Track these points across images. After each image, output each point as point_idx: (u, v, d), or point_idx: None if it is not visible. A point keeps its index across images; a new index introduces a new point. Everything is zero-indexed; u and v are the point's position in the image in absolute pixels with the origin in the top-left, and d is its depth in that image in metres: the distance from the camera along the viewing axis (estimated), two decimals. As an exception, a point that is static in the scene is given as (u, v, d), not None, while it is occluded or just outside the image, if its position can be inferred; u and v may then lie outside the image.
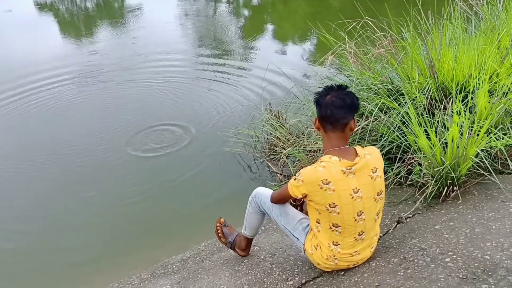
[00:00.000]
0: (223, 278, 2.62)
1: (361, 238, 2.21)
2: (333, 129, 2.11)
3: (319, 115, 2.14)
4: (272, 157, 4.16)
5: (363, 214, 2.14)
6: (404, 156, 3.10)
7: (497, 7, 4.26)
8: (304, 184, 2.10)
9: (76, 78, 6.91)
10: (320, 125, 2.16)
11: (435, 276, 2.08)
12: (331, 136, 2.13)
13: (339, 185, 2.06)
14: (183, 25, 10.21)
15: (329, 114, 2.08)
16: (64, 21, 11.41)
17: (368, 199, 2.13)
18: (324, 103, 2.10)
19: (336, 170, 2.06)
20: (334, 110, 2.07)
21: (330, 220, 2.15)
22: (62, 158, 4.71)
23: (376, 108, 3.30)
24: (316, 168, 2.09)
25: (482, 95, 2.98)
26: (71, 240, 3.58)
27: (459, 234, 2.37)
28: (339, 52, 3.97)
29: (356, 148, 2.14)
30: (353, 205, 2.11)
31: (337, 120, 2.09)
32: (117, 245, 3.49)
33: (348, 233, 2.17)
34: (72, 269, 3.27)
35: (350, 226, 2.15)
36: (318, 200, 2.11)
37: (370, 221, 2.19)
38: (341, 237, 2.19)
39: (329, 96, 2.11)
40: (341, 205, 2.10)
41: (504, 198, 2.61)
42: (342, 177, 2.06)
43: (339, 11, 4.45)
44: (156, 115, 5.42)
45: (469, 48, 3.45)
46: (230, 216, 3.03)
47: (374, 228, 2.26)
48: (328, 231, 2.20)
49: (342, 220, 2.14)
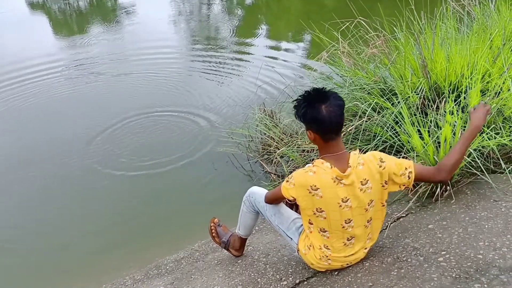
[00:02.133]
0: (217, 279, 2.61)
1: (350, 243, 2.20)
2: (335, 138, 2.03)
3: (321, 130, 2.00)
4: (266, 157, 4.15)
5: (351, 221, 2.12)
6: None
7: (489, 7, 4.29)
8: (295, 188, 2.09)
9: (63, 71, 6.99)
10: (319, 137, 2.03)
11: (428, 276, 2.08)
12: (331, 144, 2.04)
13: (327, 192, 2.04)
14: (176, 24, 10.18)
15: (334, 125, 1.99)
16: (56, 20, 11.36)
17: (357, 208, 2.09)
18: (326, 118, 1.95)
19: (326, 177, 2.02)
20: (338, 119, 1.99)
21: (318, 224, 2.16)
22: (54, 155, 4.69)
23: (370, 108, 3.30)
24: (307, 172, 2.06)
25: (475, 95, 3.00)
26: (63, 241, 3.55)
27: (452, 233, 2.38)
28: (333, 52, 3.97)
29: (350, 156, 2.06)
30: (341, 213, 2.09)
31: (341, 126, 2.04)
32: (110, 245, 3.46)
33: (336, 238, 2.17)
34: (64, 270, 3.25)
35: (338, 231, 2.14)
36: (305, 205, 2.11)
37: (359, 228, 2.16)
38: (330, 242, 2.19)
39: (323, 107, 1.95)
40: (328, 211, 2.09)
41: (497, 197, 2.62)
42: (331, 185, 2.03)
43: (333, 11, 4.46)
44: (150, 112, 5.43)
45: (462, 48, 3.47)
46: (224, 216, 3.02)
47: (365, 234, 2.22)
48: (319, 235, 2.20)
49: (329, 225, 2.13)
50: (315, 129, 2.02)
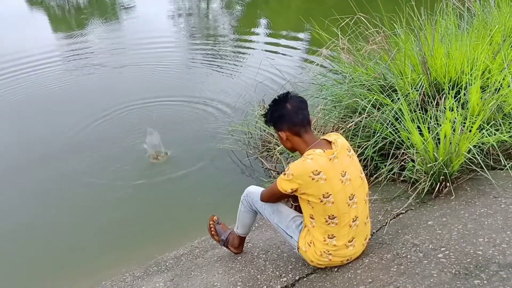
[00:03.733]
0: (217, 275, 2.61)
1: (355, 224, 2.23)
2: (306, 130, 2.19)
3: (290, 125, 2.18)
4: (265, 154, 4.15)
5: (354, 197, 2.18)
6: (397, 152, 3.11)
7: (490, 3, 4.27)
8: (294, 178, 2.11)
9: (58, 64, 7.08)
10: (291, 134, 2.20)
11: (428, 272, 2.09)
12: (305, 137, 2.19)
13: (329, 173, 2.10)
14: (175, 20, 10.16)
15: (301, 118, 2.17)
16: (55, 15, 11.34)
17: (355, 179, 2.18)
18: (291, 112, 2.16)
19: (323, 160, 2.10)
20: (304, 112, 2.18)
21: (325, 212, 2.16)
22: (51, 150, 4.70)
23: (369, 104, 3.30)
24: (305, 161, 2.11)
25: (475, 91, 2.99)
26: (63, 238, 3.56)
27: (451, 230, 2.38)
28: (332, 49, 3.96)
29: (324, 138, 2.22)
30: (344, 190, 2.15)
31: (308, 120, 2.20)
32: (110, 242, 3.46)
33: (343, 222, 2.19)
34: (63, 266, 3.25)
35: (345, 214, 2.18)
36: (311, 192, 2.12)
37: (361, 204, 2.23)
38: (337, 228, 2.20)
39: (287, 104, 2.18)
40: (334, 193, 2.12)
41: (496, 193, 2.62)
42: (330, 165, 2.10)
43: (333, 7, 4.44)
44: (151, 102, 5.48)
45: (462, 44, 3.45)
46: (224, 213, 3.02)
47: (365, 211, 2.29)
48: (323, 225, 2.20)
49: (337, 209, 2.15)
50: (285, 126, 2.19)
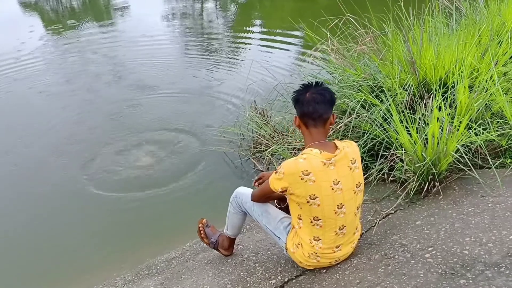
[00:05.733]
0: (207, 278, 2.62)
1: (342, 232, 2.22)
2: (315, 125, 2.14)
3: (301, 112, 2.16)
4: (257, 155, 4.15)
5: (343, 207, 2.16)
6: (387, 153, 3.12)
7: (478, 2, 4.29)
8: (285, 176, 2.11)
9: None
10: (301, 122, 2.18)
11: (415, 272, 2.10)
12: (312, 131, 2.16)
13: (319, 176, 2.08)
14: (169, 23, 10.15)
15: (311, 110, 2.12)
16: (48, 18, 11.32)
17: (348, 191, 2.15)
18: (305, 100, 2.13)
19: (316, 162, 2.08)
20: (316, 106, 2.11)
21: (311, 213, 2.16)
22: (39, 154, 4.67)
23: (358, 105, 3.31)
24: (297, 160, 2.11)
25: (462, 90, 3.00)
26: (53, 242, 3.52)
27: (439, 229, 2.40)
28: (322, 49, 3.97)
29: (335, 142, 2.18)
30: (333, 197, 2.12)
31: (320, 115, 2.12)
32: (102, 245, 3.44)
33: (329, 227, 2.18)
34: (54, 271, 3.23)
35: (331, 219, 2.16)
36: (298, 193, 2.12)
37: (350, 215, 2.20)
38: (322, 231, 2.20)
39: (308, 93, 2.14)
40: (321, 197, 2.11)
41: (484, 192, 2.63)
42: (322, 168, 2.08)
43: (326, 8, 4.44)
44: (141, 113, 5.43)
45: (450, 43, 3.47)
46: (215, 215, 3.02)
47: (355, 223, 2.27)
48: (309, 226, 2.21)
49: (322, 212, 2.14)
50: (298, 112, 2.18)
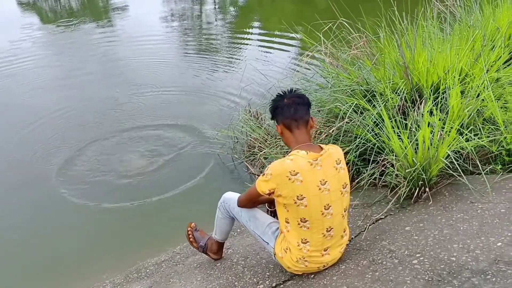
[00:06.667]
0: (195, 282, 2.61)
1: (329, 234, 2.23)
2: (298, 126, 2.21)
3: (283, 117, 2.22)
4: (251, 158, 4.15)
5: (330, 208, 2.17)
6: (378, 157, 3.11)
7: (472, 7, 4.29)
8: (272, 177, 2.12)
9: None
10: (284, 127, 2.23)
11: (402, 279, 2.09)
12: (296, 134, 2.21)
13: (307, 176, 2.10)
14: (167, 24, 10.16)
15: (293, 112, 2.20)
16: (47, 17, 11.35)
17: (335, 191, 2.17)
18: (285, 105, 2.21)
19: (303, 162, 2.11)
20: (298, 107, 2.21)
21: (298, 214, 2.17)
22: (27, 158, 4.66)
23: (350, 109, 3.30)
24: (284, 161, 2.14)
25: (454, 96, 3.00)
26: (41, 245, 3.49)
27: (428, 235, 2.39)
28: (316, 53, 3.96)
29: (320, 145, 2.24)
30: (320, 198, 2.14)
31: (302, 116, 2.21)
32: (92, 248, 3.44)
33: (316, 228, 2.19)
34: (42, 274, 3.21)
35: (318, 221, 2.17)
36: (286, 193, 2.13)
37: (337, 217, 2.21)
38: (310, 233, 2.20)
39: (285, 99, 2.23)
40: (309, 197, 2.12)
41: (473, 199, 2.63)
42: (309, 168, 2.11)
43: (325, 11, 4.43)
44: (137, 113, 5.45)
45: (443, 49, 3.47)
46: (207, 218, 3.00)
47: (342, 225, 2.28)
48: (297, 229, 2.21)
49: (309, 213, 2.15)
50: (279, 119, 2.24)
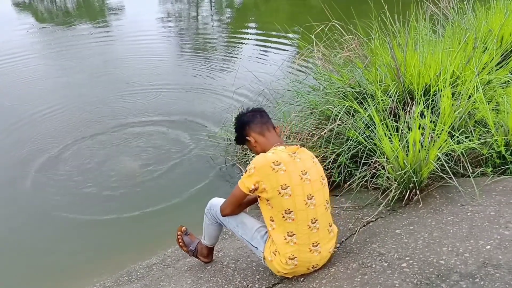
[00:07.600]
0: (185, 286, 2.60)
1: (315, 226, 2.24)
2: (269, 129, 2.38)
3: (253, 126, 2.39)
4: (244, 160, 4.14)
5: (313, 198, 2.22)
6: (370, 160, 3.11)
7: (465, 10, 4.30)
8: (256, 170, 2.18)
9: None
10: (257, 134, 2.37)
11: (391, 282, 2.09)
12: (268, 136, 2.37)
13: (289, 166, 2.20)
14: (164, 24, 10.16)
15: (259, 117, 2.40)
16: (42, 17, 11.34)
17: (315, 181, 2.25)
18: (250, 115, 2.42)
19: (284, 154, 2.23)
20: (262, 114, 2.43)
21: (282, 206, 2.19)
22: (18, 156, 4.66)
23: (342, 111, 3.30)
24: (265, 154, 2.25)
25: (445, 98, 3.00)
26: (30, 247, 3.46)
27: (417, 238, 2.39)
28: (308, 55, 3.96)
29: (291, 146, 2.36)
30: (303, 187, 2.20)
31: (268, 120, 2.42)
32: (83, 251, 3.41)
33: (301, 220, 2.21)
34: (33, 276, 3.18)
35: (302, 211, 2.20)
36: (270, 185, 2.17)
37: (320, 208, 2.26)
38: (295, 225, 2.21)
39: (248, 113, 2.45)
40: (292, 186, 2.18)
41: (464, 201, 2.63)
42: (290, 159, 2.22)
43: (321, 12, 4.42)
44: (129, 114, 5.44)
45: (435, 51, 3.47)
46: (199, 221, 2.99)
47: (326, 217, 2.31)
48: (282, 223, 2.22)
49: (294, 203, 2.18)
50: (250, 130, 2.39)
